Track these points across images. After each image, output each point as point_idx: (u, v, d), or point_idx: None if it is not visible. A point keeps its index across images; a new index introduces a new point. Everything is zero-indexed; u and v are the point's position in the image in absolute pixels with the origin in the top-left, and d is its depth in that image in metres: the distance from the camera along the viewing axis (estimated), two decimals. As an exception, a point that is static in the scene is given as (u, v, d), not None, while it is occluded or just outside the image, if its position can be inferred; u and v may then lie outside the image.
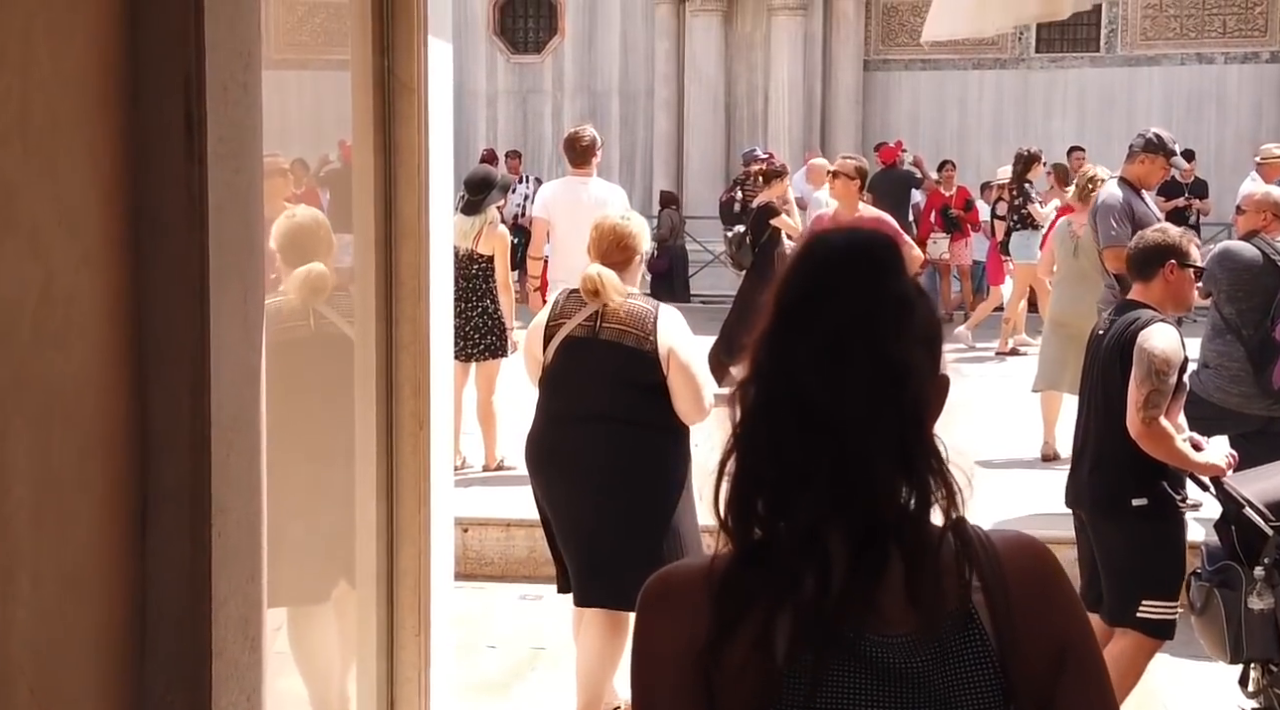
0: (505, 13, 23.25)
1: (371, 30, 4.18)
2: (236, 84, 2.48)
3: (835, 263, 1.75)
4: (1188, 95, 21.36)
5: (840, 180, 9.09)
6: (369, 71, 4.21)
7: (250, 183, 2.54)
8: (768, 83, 21.27)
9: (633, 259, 5.17)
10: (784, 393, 1.70)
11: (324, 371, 4.55)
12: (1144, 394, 4.84)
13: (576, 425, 5.17)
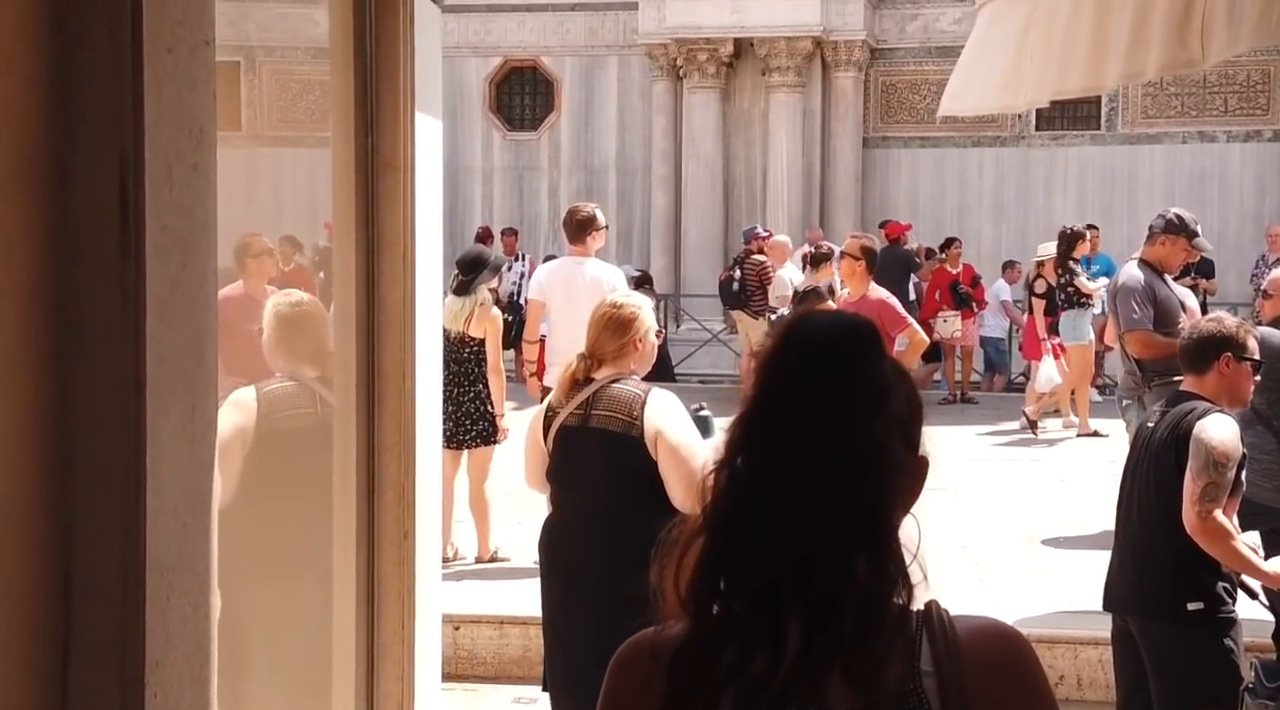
0: (501, 89, 23.10)
1: (354, 107, 3.85)
2: (184, 164, 2.14)
3: (812, 350, 1.80)
4: (1190, 173, 21.17)
5: (846, 260, 8.79)
6: (351, 150, 3.89)
7: (200, 280, 2.19)
8: (766, 159, 21.07)
9: (630, 344, 4.81)
10: (753, 479, 1.76)
11: (316, 467, 4.18)
12: (1201, 486, 4.48)
13: (573, 520, 4.87)
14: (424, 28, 3.99)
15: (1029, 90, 3.71)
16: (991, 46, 4.24)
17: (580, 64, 22.61)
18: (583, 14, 22.53)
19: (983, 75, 4.33)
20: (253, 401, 4.00)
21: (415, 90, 3.95)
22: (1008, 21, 3.99)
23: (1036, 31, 3.59)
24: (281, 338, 4.17)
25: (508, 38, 22.73)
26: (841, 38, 20.80)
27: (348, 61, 3.82)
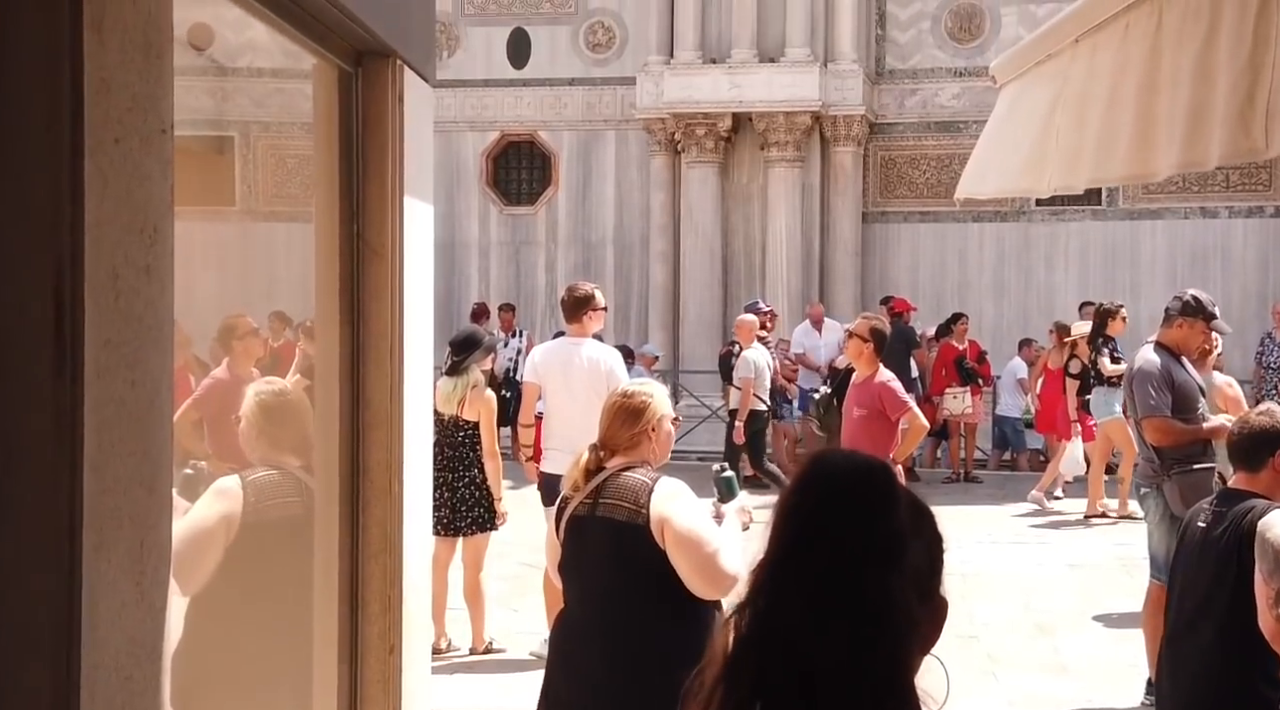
0: (498, 164, 22.98)
1: (339, 191, 3.61)
2: (133, 267, 1.89)
3: (829, 498, 1.89)
4: (1192, 249, 21.00)
5: (854, 341, 8.55)
6: (335, 237, 3.64)
7: (151, 397, 1.93)
8: (765, 234, 20.89)
9: (643, 433, 4.57)
10: (771, 630, 1.85)
11: (304, 562, 3.91)
12: (1275, 589, 4.18)
13: (580, 613, 4.62)
14: (414, 106, 3.76)
15: (1056, 174, 3.48)
16: (1013, 127, 4.01)
17: (578, 138, 22.51)
18: (580, 89, 22.46)
19: (1003, 157, 4.10)
20: (239, 490, 3.74)
21: (405, 172, 3.71)
22: (1032, 102, 3.77)
23: (1066, 113, 3.37)
24: (264, 427, 3.91)
25: (505, 112, 22.65)
26: (840, 112, 20.70)
27: (331, 143, 3.58)
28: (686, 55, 20.76)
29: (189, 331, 4.21)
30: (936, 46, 21.61)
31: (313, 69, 3.57)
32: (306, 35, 3.29)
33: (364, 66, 3.62)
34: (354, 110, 3.61)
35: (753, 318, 14.71)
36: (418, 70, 3.82)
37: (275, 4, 3.02)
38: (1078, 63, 3.29)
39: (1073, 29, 3.38)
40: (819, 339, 18.35)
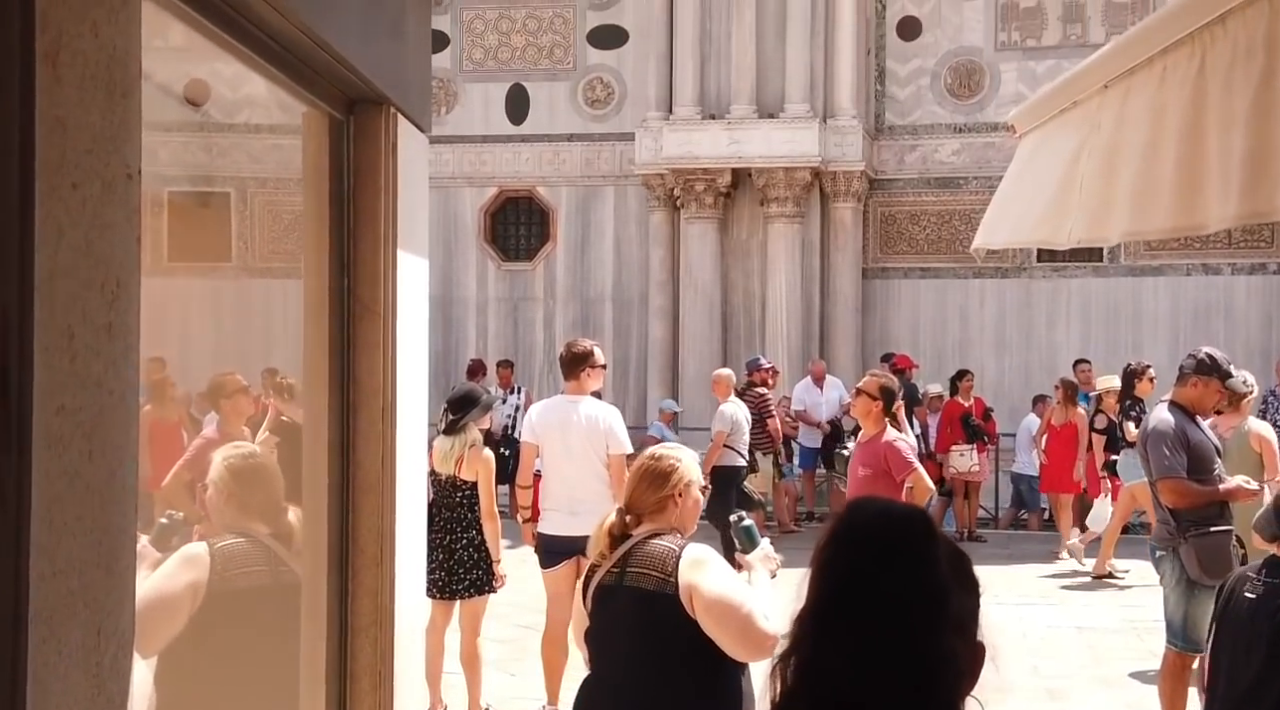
0: (496, 219, 22.88)
1: (328, 245, 3.44)
2: (92, 326, 1.70)
3: (870, 552, 1.89)
4: (1195, 307, 20.86)
5: (862, 399, 8.36)
6: (324, 293, 3.46)
7: (112, 469, 1.74)
8: (765, 290, 20.74)
9: (669, 498, 4.40)
10: (818, 681, 1.86)
11: (274, 634, 3.70)
12: None
13: (606, 683, 4.45)
14: (409, 156, 3.59)
15: (1080, 226, 3.30)
16: (1034, 177, 3.84)
17: (576, 194, 22.43)
18: (579, 144, 22.39)
19: (1021, 207, 3.94)
20: (206, 556, 3.54)
21: (398, 224, 3.54)
22: (1055, 151, 3.60)
23: (1093, 162, 3.19)
24: (233, 491, 3.71)
25: (503, 168, 22.58)
26: (840, 168, 20.61)
27: (321, 194, 3.41)
28: (685, 111, 20.70)
29: (184, 388, 4.03)
30: (936, 103, 21.56)
31: (302, 117, 3.40)
32: (295, 81, 3.13)
33: (356, 114, 3.46)
34: (345, 160, 3.44)
35: (729, 372, 14.61)
36: (412, 119, 3.66)
37: (263, 48, 2.86)
38: (1107, 109, 3.13)
39: (1102, 74, 3.22)
40: (820, 396, 18.19)
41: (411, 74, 3.73)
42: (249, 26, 2.72)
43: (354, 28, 3.19)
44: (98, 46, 1.72)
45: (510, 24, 22.57)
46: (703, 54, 20.75)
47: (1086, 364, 17.83)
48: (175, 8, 2.44)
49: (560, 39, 22.45)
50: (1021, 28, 21.32)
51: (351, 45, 3.15)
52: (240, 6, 2.61)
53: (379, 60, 3.40)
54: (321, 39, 2.93)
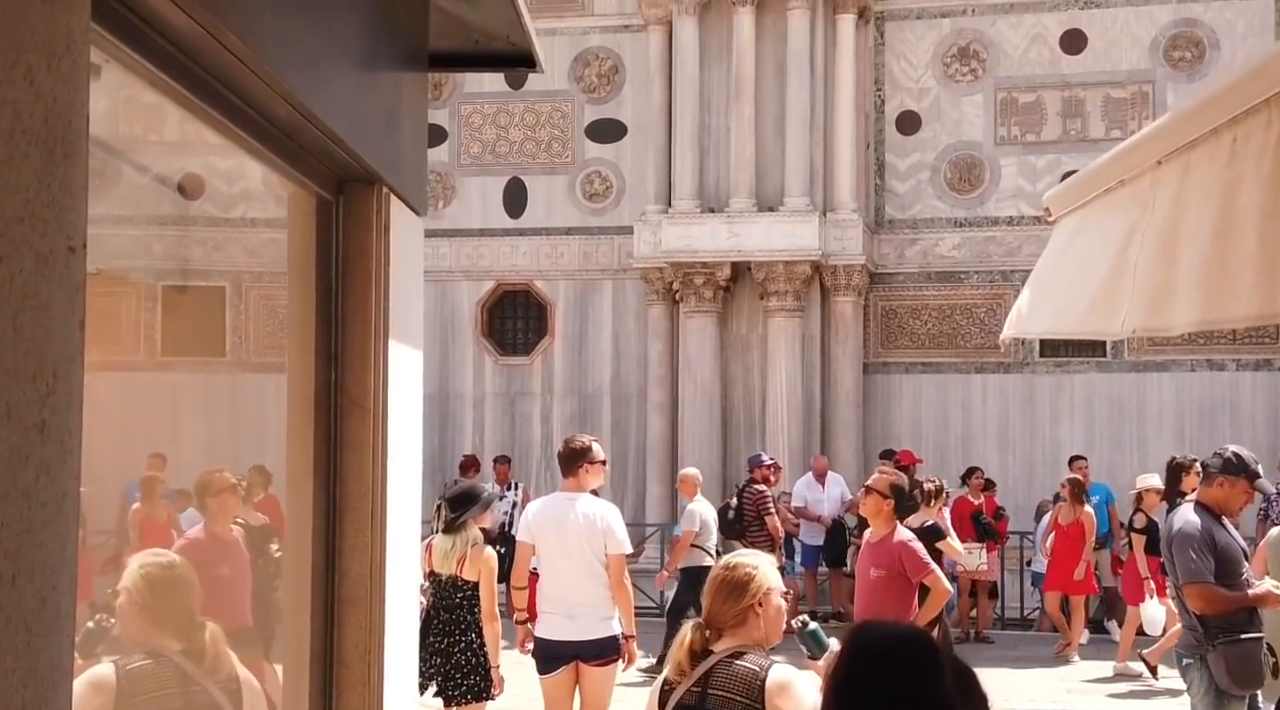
0: (493, 314, 22.68)
1: (315, 335, 3.17)
2: (21, 426, 1.43)
3: (876, 674, 2.03)
4: (1200, 403, 20.60)
5: (872, 497, 8.07)
6: (310, 388, 3.19)
7: (44, 596, 1.46)
8: (765, 385, 20.49)
9: (749, 610, 4.12)
10: None
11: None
12: None
13: None
14: (402, 241, 3.34)
15: (1137, 314, 3.04)
16: (1076, 262, 3.58)
17: (574, 287, 22.25)
18: (577, 238, 22.25)
19: (1062, 295, 3.67)
20: (113, 680, 3.22)
21: (390, 313, 3.28)
22: (1099, 234, 3.34)
23: (1149, 245, 2.94)
24: (147, 602, 3.39)
25: (500, 261, 22.42)
26: (840, 262, 20.46)
27: (307, 280, 3.15)
28: (684, 204, 20.59)
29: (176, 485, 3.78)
30: (936, 197, 21.47)
31: (288, 198, 3.15)
32: (280, 157, 2.88)
33: (346, 195, 3.21)
34: (334, 243, 3.19)
35: (694, 472, 14.43)
36: (407, 200, 3.41)
37: (245, 121, 2.62)
38: (1163, 188, 2.88)
39: (1154, 150, 2.97)
40: (821, 492, 17.91)
41: (406, 153, 3.49)
42: (230, 96, 2.47)
43: (344, 102, 2.95)
44: (33, 96, 1.46)
45: (508, 118, 22.53)
46: (702, 147, 20.69)
47: (1083, 460, 17.57)
48: (150, 75, 2.20)
49: (559, 133, 22.40)
50: (1021, 122, 21.28)
51: (341, 120, 2.91)
52: (220, 74, 2.37)
53: (371, 137, 3.16)
54: (309, 111, 2.69)
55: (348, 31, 2.90)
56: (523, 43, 3.72)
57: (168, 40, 2.10)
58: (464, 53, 3.88)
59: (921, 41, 21.53)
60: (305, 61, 2.60)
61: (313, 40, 2.65)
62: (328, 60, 2.75)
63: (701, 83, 20.68)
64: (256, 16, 2.29)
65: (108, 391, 2.82)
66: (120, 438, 2.96)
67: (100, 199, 2.09)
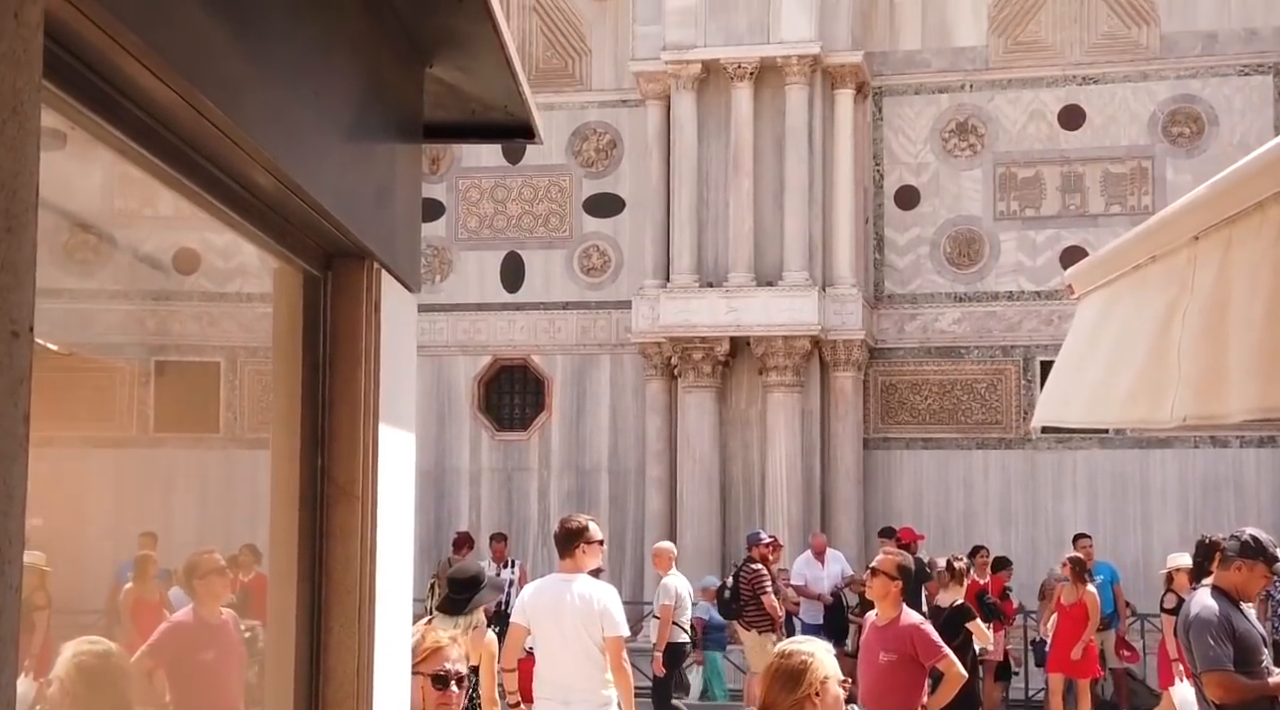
0: (490, 389, 22.52)
1: (300, 418, 2.99)
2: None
3: None
4: (1204, 480, 20.40)
5: (879, 579, 7.84)
6: (295, 474, 3.01)
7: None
8: (765, 461, 20.30)
9: (806, 700, 3.94)
10: None
11: None
12: None
13: None
14: (394, 318, 3.17)
15: (1187, 401, 2.85)
16: (1109, 345, 3.39)
17: (572, 362, 22.11)
18: (575, 312, 22.14)
19: (1097, 380, 3.48)
20: None
21: (380, 396, 3.10)
22: (1134, 314, 3.17)
23: (1192, 325, 2.77)
24: (78, 695, 3.15)
25: (497, 336, 22.30)
26: (840, 337, 20.35)
27: (294, 359, 2.98)
28: (683, 278, 20.50)
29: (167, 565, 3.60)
30: (936, 271, 21.39)
31: (273, 273, 2.99)
32: (264, 231, 2.72)
33: (334, 270, 3.05)
34: (322, 321, 3.02)
35: (669, 545, 14.16)
36: (399, 276, 3.25)
37: (226, 194, 2.46)
38: (1204, 265, 2.72)
39: (1190, 224, 2.81)
40: (821, 570, 17.66)
41: (399, 227, 3.33)
42: (206, 166, 2.31)
43: (332, 173, 2.79)
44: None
45: (506, 192, 22.50)
46: (700, 222, 20.63)
47: (1087, 538, 17.33)
48: (122, 146, 2.04)
49: (556, 207, 22.36)
50: (1020, 197, 21.25)
51: (329, 192, 2.75)
52: (198, 145, 2.21)
53: (361, 210, 3.00)
54: (293, 182, 2.53)
55: (336, 99, 2.75)
56: (521, 113, 3.58)
57: (136, 104, 1.95)
58: (461, 123, 3.74)
59: (920, 117, 21.54)
60: (288, 129, 2.44)
61: (297, 107, 2.50)
62: (314, 129, 2.60)
63: (700, 157, 20.66)
64: (234, 80, 2.13)
65: (94, 468, 2.66)
66: (112, 515, 2.79)
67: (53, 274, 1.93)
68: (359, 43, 2.88)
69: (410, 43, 3.27)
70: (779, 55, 20.30)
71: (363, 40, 2.91)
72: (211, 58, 2.03)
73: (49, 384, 2.16)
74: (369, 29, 2.95)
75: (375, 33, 3.00)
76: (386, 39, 3.13)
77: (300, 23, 2.45)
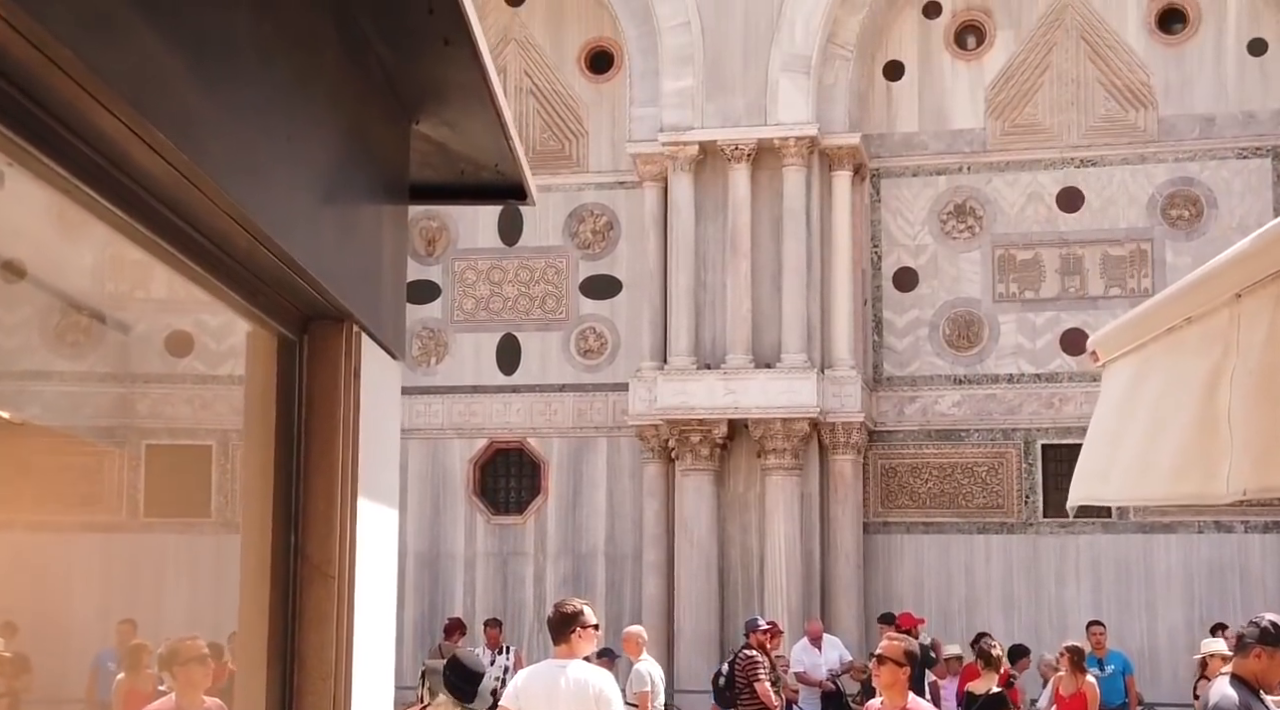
0: (486, 472, 22.27)
1: (274, 490, 2.79)
2: None
3: None
4: (1209, 565, 20.10)
5: (887, 667, 7.54)
6: (266, 549, 2.80)
7: None
8: (763, 545, 20.03)
9: None
10: None
11: None
12: None
13: None
14: (375, 385, 2.97)
15: (1245, 473, 2.63)
16: (1147, 414, 3.14)
17: (568, 445, 21.88)
18: (571, 395, 21.95)
19: (1137, 453, 3.23)
20: None
21: (359, 468, 2.89)
22: (1173, 380, 2.95)
23: (1241, 390, 2.56)
24: None
25: (493, 419, 22.09)
26: (839, 419, 20.15)
27: (266, 429, 2.78)
28: (680, 360, 20.34)
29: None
30: (935, 354, 21.23)
31: (246, 337, 2.79)
32: (233, 290, 2.53)
33: (311, 332, 2.85)
34: (297, 388, 2.82)
35: (639, 630, 13.83)
36: (380, 340, 3.05)
37: (191, 247, 2.28)
38: (1251, 323, 2.51)
39: (1230, 282, 2.61)
40: (819, 656, 17.41)
41: (383, 290, 3.14)
42: (164, 212, 2.12)
43: (307, 228, 2.61)
44: None
45: (502, 274, 22.39)
46: (698, 303, 20.50)
47: (1100, 626, 17.02)
48: (66, 185, 1.85)
49: (553, 289, 22.24)
50: (1019, 279, 21.14)
51: (305, 248, 2.56)
52: (153, 186, 2.02)
53: (340, 269, 2.81)
54: (264, 235, 2.34)
55: (313, 147, 2.57)
56: (513, 173, 3.40)
57: (80, 137, 1.76)
58: (450, 184, 3.56)
59: (918, 198, 21.48)
60: (257, 175, 2.26)
61: (267, 152, 2.31)
62: (286, 177, 2.41)
63: (697, 238, 20.58)
64: (193, 115, 1.95)
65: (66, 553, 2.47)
66: (97, 602, 2.59)
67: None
68: (338, 89, 2.70)
69: (395, 95, 3.10)
70: (776, 137, 20.28)
71: (343, 87, 2.74)
72: (164, 87, 1.84)
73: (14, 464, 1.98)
74: (350, 76, 2.78)
75: (357, 80, 2.82)
76: (370, 89, 2.96)
77: (271, 63, 2.27)
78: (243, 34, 2.09)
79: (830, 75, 20.85)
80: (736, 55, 20.70)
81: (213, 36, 1.97)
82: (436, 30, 2.59)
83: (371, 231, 3.03)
